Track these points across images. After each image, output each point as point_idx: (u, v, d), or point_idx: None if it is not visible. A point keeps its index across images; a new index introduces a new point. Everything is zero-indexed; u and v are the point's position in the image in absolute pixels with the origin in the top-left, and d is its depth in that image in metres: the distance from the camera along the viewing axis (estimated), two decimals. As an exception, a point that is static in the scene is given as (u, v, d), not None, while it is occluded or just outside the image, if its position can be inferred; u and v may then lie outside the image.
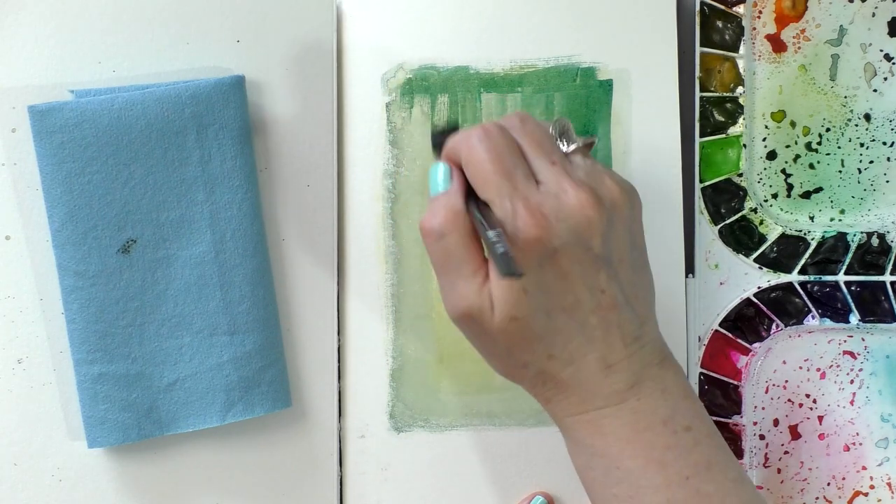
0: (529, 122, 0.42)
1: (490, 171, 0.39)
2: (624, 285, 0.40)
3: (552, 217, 0.38)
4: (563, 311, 0.39)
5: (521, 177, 0.39)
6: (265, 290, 0.50)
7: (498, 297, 0.39)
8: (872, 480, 0.54)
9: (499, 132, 0.40)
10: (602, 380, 0.40)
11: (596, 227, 0.39)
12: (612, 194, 0.40)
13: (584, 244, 0.39)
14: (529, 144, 0.40)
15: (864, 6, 0.53)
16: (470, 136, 0.40)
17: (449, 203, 0.40)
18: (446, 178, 0.41)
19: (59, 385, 0.50)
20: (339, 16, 0.52)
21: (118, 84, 0.49)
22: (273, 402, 0.50)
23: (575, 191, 0.39)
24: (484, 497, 0.52)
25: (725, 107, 0.53)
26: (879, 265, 0.53)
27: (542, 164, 0.40)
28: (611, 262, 0.40)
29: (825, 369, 0.54)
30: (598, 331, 0.40)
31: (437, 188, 0.41)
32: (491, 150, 0.39)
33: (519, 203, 0.38)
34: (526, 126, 0.41)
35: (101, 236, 0.48)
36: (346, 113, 0.52)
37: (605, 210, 0.39)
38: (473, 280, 0.40)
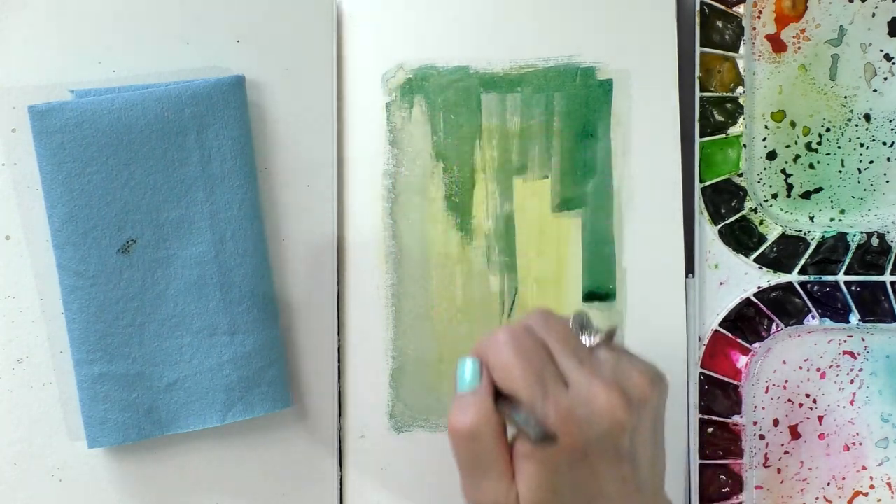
0: (553, 320, 0.41)
1: (520, 375, 0.39)
2: (643, 469, 0.41)
3: (584, 422, 0.38)
4: (587, 500, 0.40)
5: (550, 379, 0.39)
6: (265, 290, 0.50)
7: (524, 495, 0.39)
8: (872, 480, 0.54)
9: (524, 333, 0.40)
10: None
11: (625, 429, 0.39)
12: (640, 391, 0.40)
13: (613, 445, 0.39)
14: (555, 343, 0.40)
15: (864, 6, 0.53)
16: (497, 339, 0.40)
17: (480, 403, 0.40)
18: (475, 374, 0.41)
19: (59, 385, 0.50)
20: (339, 16, 0.52)
21: (118, 84, 0.49)
22: (273, 402, 0.50)
23: (605, 394, 0.39)
24: (484, 497, 0.52)
25: (725, 107, 0.53)
26: (879, 265, 0.53)
27: (570, 364, 0.40)
28: (635, 455, 0.40)
29: (825, 369, 0.54)
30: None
31: (465, 385, 0.41)
32: (519, 353, 0.39)
33: (551, 409, 0.38)
34: (549, 324, 0.41)
35: (101, 236, 0.48)
36: (346, 113, 0.52)
37: (635, 410, 0.39)
38: (501, 481, 0.40)
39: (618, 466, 0.40)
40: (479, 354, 0.41)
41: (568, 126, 0.52)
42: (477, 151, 0.52)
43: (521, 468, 0.39)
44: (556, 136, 0.52)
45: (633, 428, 0.39)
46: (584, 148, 0.53)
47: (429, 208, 0.53)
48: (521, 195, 0.53)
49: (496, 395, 0.40)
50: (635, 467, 0.40)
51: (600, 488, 0.40)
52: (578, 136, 0.52)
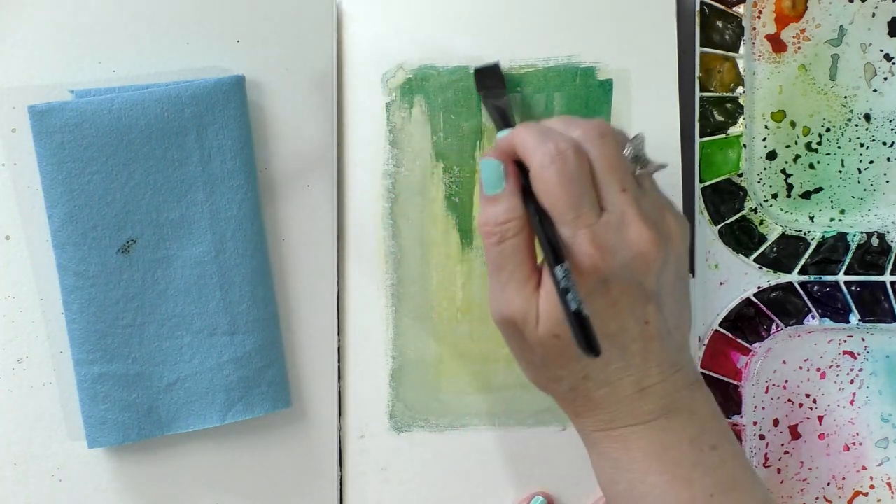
0: (608, 141, 0.40)
1: (557, 195, 0.39)
2: (667, 317, 0.41)
3: (610, 250, 0.38)
4: (606, 336, 0.39)
5: (586, 206, 0.39)
6: (265, 290, 0.50)
7: (544, 310, 0.39)
8: (872, 480, 0.54)
9: (573, 156, 0.39)
10: (634, 402, 0.40)
11: (651, 265, 0.39)
12: (671, 231, 0.40)
13: (637, 279, 0.39)
14: (602, 167, 0.40)
15: (864, 6, 0.53)
16: (543, 151, 0.39)
17: (509, 206, 0.40)
18: (501, 175, 0.41)
19: (59, 385, 0.50)
20: (339, 16, 0.52)
21: (118, 84, 0.49)
22: (273, 402, 0.50)
23: (637, 226, 0.39)
24: (484, 497, 0.52)
25: (725, 107, 0.53)
26: (879, 265, 0.53)
27: (612, 190, 0.39)
28: (659, 296, 0.40)
29: (825, 369, 0.54)
30: (637, 357, 0.40)
31: (494, 186, 0.41)
32: (562, 177, 0.39)
33: (580, 231, 0.38)
34: (604, 146, 0.40)
35: (101, 236, 0.48)
36: (346, 113, 0.52)
37: (663, 248, 0.39)
38: (524, 287, 0.40)
39: (641, 305, 0.39)
40: (509, 150, 0.41)
41: (568, 126, 0.52)
42: (477, 151, 0.52)
43: (545, 283, 0.39)
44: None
45: (659, 268, 0.39)
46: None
47: (429, 208, 0.52)
48: (521, 195, 0.53)
49: (536, 209, 0.40)
50: (660, 312, 0.40)
51: (621, 324, 0.39)
52: (578, 136, 0.52)
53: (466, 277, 0.52)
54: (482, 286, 0.52)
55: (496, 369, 0.52)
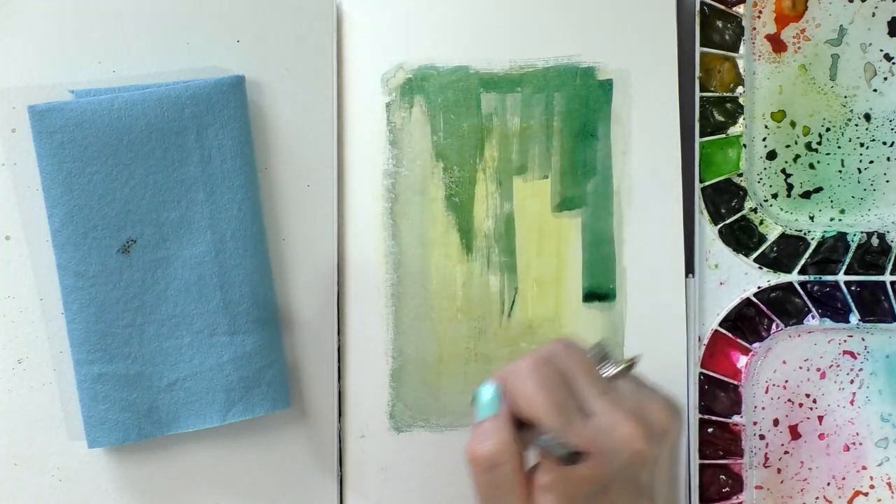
0: (573, 349, 0.41)
1: (542, 403, 0.39)
2: (658, 501, 0.41)
3: (606, 453, 0.38)
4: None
5: (572, 411, 0.39)
6: (265, 290, 0.50)
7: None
8: (872, 480, 0.54)
9: (546, 363, 0.40)
10: None
11: (646, 462, 0.39)
12: (660, 423, 0.40)
13: (633, 477, 0.39)
14: (577, 373, 0.40)
15: (864, 6, 0.53)
16: (519, 368, 0.40)
17: (500, 431, 0.39)
18: (495, 401, 0.40)
19: (59, 385, 0.50)
20: (339, 16, 0.52)
21: (118, 84, 0.49)
22: (273, 403, 0.50)
23: (627, 425, 0.38)
24: (484, 497, 0.52)
25: (725, 107, 0.53)
26: (879, 265, 0.53)
27: (592, 393, 0.39)
28: (653, 490, 0.40)
29: (825, 369, 0.54)
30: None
31: (484, 411, 0.40)
32: (541, 383, 0.39)
33: (573, 438, 0.38)
34: (571, 353, 0.41)
35: (101, 236, 0.48)
36: (346, 113, 0.52)
37: (655, 443, 0.39)
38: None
39: (635, 499, 0.39)
40: (499, 381, 0.41)
41: (568, 126, 0.52)
42: (477, 151, 0.52)
43: (539, 500, 0.39)
44: (556, 136, 0.52)
45: (653, 461, 0.39)
46: (584, 148, 0.53)
47: (429, 208, 0.53)
48: (521, 195, 0.53)
49: (517, 425, 0.39)
50: (650, 501, 0.40)
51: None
52: (578, 136, 0.52)
53: (466, 277, 0.52)
54: (482, 286, 0.52)
55: (496, 369, 0.52)
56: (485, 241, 0.53)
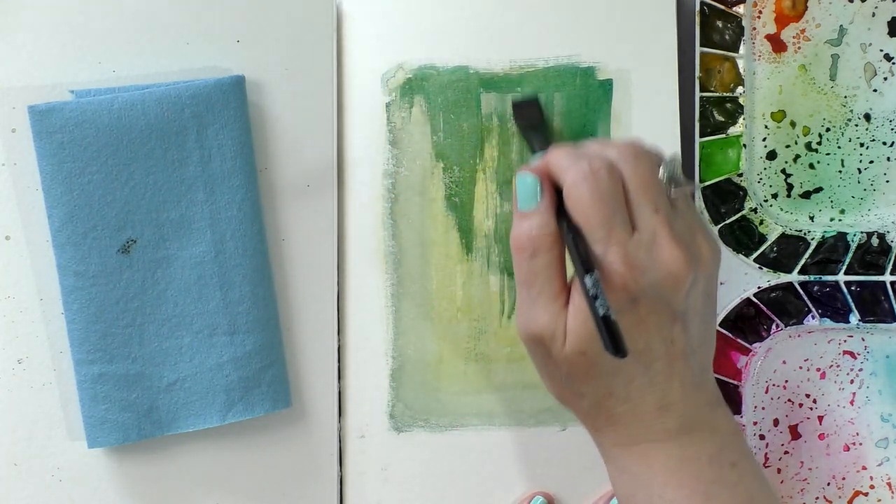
0: (642, 162, 0.40)
1: (590, 214, 0.39)
2: (693, 337, 0.41)
3: (641, 268, 0.38)
4: (631, 353, 0.39)
5: (618, 224, 0.39)
6: (265, 290, 0.50)
7: (572, 328, 0.39)
8: (872, 480, 0.54)
9: (606, 174, 0.39)
10: (656, 419, 0.41)
11: (681, 286, 0.39)
12: (702, 252, 0.40)
13: (666, 299, 0.39)
14: (636, 187, 0.40)
15: (864, 6, 0.53)
16: (576, 169, 0.40)
17: (542, 222, 0.40)
18: (535, 193, 0.41)
19: (59, 385, 0.50)
20: (339, 16, 0.52)
21: (118, 84, 0.49)
22: (273, 402, 0.50)
23: (669, 247, 0.39)
24: (484, 497, 0.52)
25: (725, 107, 0.53)
26: (879, 265, 0.53)
27: (645, 210, 0.40)
28: (686, 316, 0.40)
29: (825, 369, 0.54)
30: (661, 376, 0.40)
31: (528, 202, 0.41)
32: (594, 194, 0.39)
33: (611, 249, 0.38)
34: (638, 166, 0.40)
35: (101, 236, 0.48)
36: (346, 113, 0.52)
37: (693, 269, 0.39)
38: (553, 304, 0.40)
39: (668, 325, 0.40)
40: (545, 169, 0.41)
41: (568, 126, 0.52)
42: (477, 151, 0.52)
43: (573, 300, 0.39)
44: (556, 136, 0.52)
45: (688, 288, 0.39)
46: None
47: (429, 208, 0.53)
48: (521, 195, 0.53)
49: (568, 226, 0.40)
50: (686, 332, 0.40)
51: (647, 343, 0.39)
52: (578, 136, 0.52)
53: (466, 277, 0.52)
54: (482, 286, 0.52)
55: (496, 369, 0.52)
56: (485, 241, 0.53)
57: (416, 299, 0.52)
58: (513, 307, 0.53)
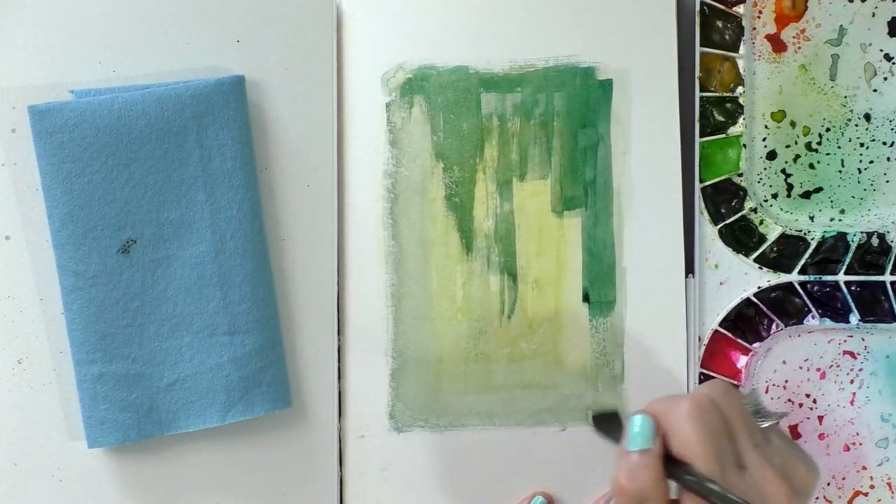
0: (735, 396, 0.40)
1: (702, 451, 0.38)
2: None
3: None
4: None
5: (730, 464, 0.39)
6: (265, 290, 0.50)
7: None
8: (872, 480, 0.54)
9: (709, 406, 0.39)
10: None
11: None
12: (803, 483, 0.40)
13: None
14: (736, 422, 0.40)
15: (864, 6, 0.53)
16: (681, 408, 0.39)
17: (652, 467, 0.39)
18: (650, 436, 0.40)
19: (59, 385, 0.50)
20: (339, 16, 0.52)
21: (118, 84, 0.49)
22: (273, 402, 0.50)
23: (775, 483, 0.39)
24: (484, 497, 0.52)
25: (725, 107, 0.53)
26: (879, 265, 0.53)
27: (747, 446, 0.39)
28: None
29: (825, 369, 0.54)
30: None
31: (637, 443, 0.40)
32: (703, 428, 0.38)
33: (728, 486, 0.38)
34: (732, 400, 0.40)
35: (101, 236, 0.48)
36: (346, 113, 0.52)
37: (797, 502, 0.39)
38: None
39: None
40: (653, 414, 0.40)
41: (568, 126, 0.52)
42: (477, 151, 0.52)
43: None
44: (556, 136, 0.52)
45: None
46: (583, 148, 0.53)
47: (429, 208, 0.53)
48: (521, 195, 0.53)
49: (675, 468, 0.39)
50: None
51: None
52: (578, 137, 0.52)
53: (466, 277, 0.52)
54: (482, 286, 0.52)
55: (496, 369, 0.52)
56: (485, 241, 0.53)
57: (416, 299, 0.52)
58: (512, 307, 0.53)
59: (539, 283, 0.53)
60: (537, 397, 0.52)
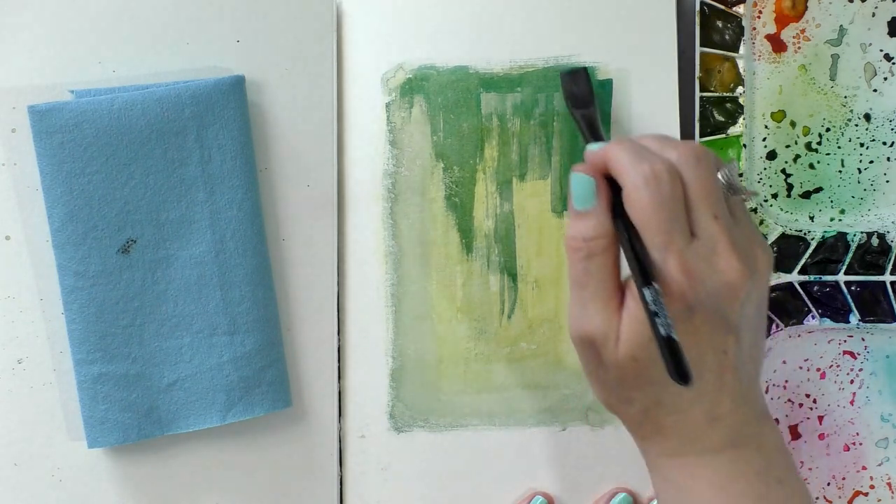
0: (704, 166, 0.39)
1: (650, 218, 0.38)
2: (744, 348, 0.40)
3: (699, 278, 0.38)
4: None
5: (678, 231, 0.38)
6: (265, 290, 0.50)
7: (626, 332, 0.39)
8: (872, 480, 0.54)
9: (668, 179, 0.38)
10: (704, 431, 0.40)
11: (737, 297, 0.39)
12: (759, 263, 0.40)
13: (721, 310, 0.39)
14: (697, 192, 0.39)
15: (864, 6, 0.53)
16: (637, 171, 0.39)
17: (598, 223, 0.39)
18: (593, 192, 0.40)
19: (59, 385, 0.50)
20: (339, 16, 0.52)
21: (118, 84, 0.49)
22: (273, 402, 0.50)
23: (728, 256, 0.38)
24: (484, 497, 0.52)
25: (725, 107, 0.53)
26: (879, 265, 0.53)
27: (705, 216, 0.39)
28: (739, 327, 0.40)
29: (825, 369, 0.54)
30: (711, 387, 0.40)
31: (584, 201, 0.40)
32: (656, 199, 0.38)
33: (670, 256, 0.38)
34: (699, 171, 0.39)
35: (101, 236, 0.48)
36: (346, 113, 0.52)
37: (750, 280, 0.39)
38: (606, 306, 0.39)
39: (722, 336, 0.39)
40: (600, 165, 0.40)
41: (568, 126, 0.52)
42: (477, 151, 0.52)
43: (627, 304, 0.39)
44: (556, 136, 0.52)
45: (743, 299, 0.39)
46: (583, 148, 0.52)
47: (429, 208, 0.53)
48: (521, 195, 0.53)
49: (624, 225, 0.39)
50: (738, 344, 0.39)
51: (700, 353, 0.39)
52: (578, 136, 0.52)
53: (466, 277, 0.52)
54: (482, 286, 0.52)
55: (496, 369, 0.52)
56: (485, 241, 0.53)
57: (416, 299, 0.52)
58: (512, 307, 0.53)
59: (539, 283, 0.53)
60: (537, 397, 0.52)
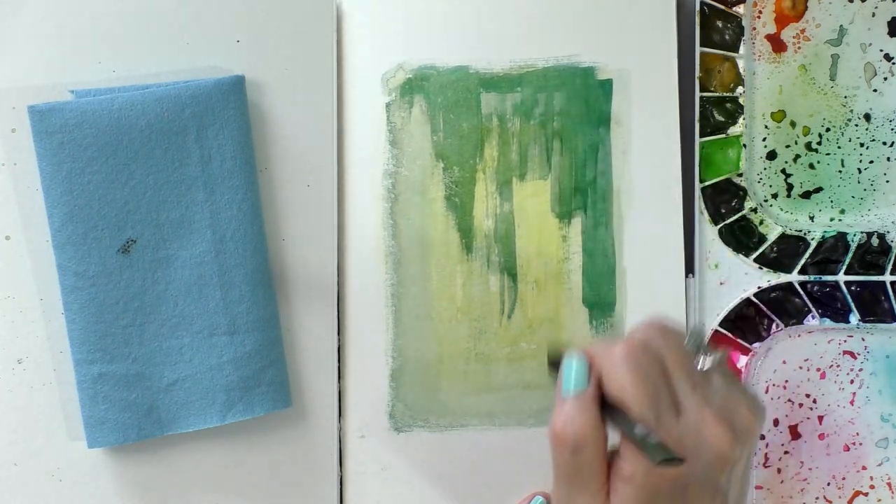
0: (670, 336, 0.39)
1: (635, 395, 0.37)
2: (730, 500, 0.40)
3: (693, 455, 0.37)
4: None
5: (664, 404, 0.38)
6: (265, 290, 0.50)
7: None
8: (872, 480, 0.54)
9: (642, 350, 0.38)
10: None
11: (727, 465, 0.38)
12: (746, 425, 0.39)
13: (712, 479, 0.38)
14: (672, 363, 0.39)
15: (864, 6, 0.53)
16: (614, 352, 0.38)
17: (586, 412, 0.38)
18: (583, 379, 0.39)
19: (59, 385, 0.50)
20: (339, 16, 0.52)
21: (118, 84, 0.49)
22: (273, 402, 0.50)
23: (714, 426, 0.38)
24: (484, 497, 0.52)
25: (725, 107, 0.53)
26: (879, 265, 0.53)
27: (684, 388, 0.38)
28: (728, 490, 0.39)
29: (825, 369, 0.54)
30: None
31: (571, 388, 0.39)
32: (637, 374, 0.37)
33: (661, 435, 0.37)
34: (667, 340, 0.39)
35: (101, 236, 0.48)
36: (346, 113, 0.52)
37: (739, 446, 0.38)
38: (596, 498, 0.38)
39: (709, 500, 0.38)
40: (589, 358, 0.39)
41: (568, 126, 0.52)
42: (477, 151, 0.52)
43: (617, 489, 0.38)
44: (556, 136, 0.52)
45: (734, 463, 0.38)
46: (583, 148, 0.53)
47: (429, 208, 0.53)
48: (521, 195, 0.53)
49: (610, 410, 0.38)
50: (725, 502, 0.39)
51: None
52: (578, 136, 0.52)
53: (466, 277, 0.52)
54: (482, 286, 0.52)
55: (496, 369, 0.52)
56: (485, 241, 0.53)
57: (416, 299, 0.52)
58: (512, 307, 0.53)
59: (539, 283, 0.53)
60: (537, 397, 0.52)
